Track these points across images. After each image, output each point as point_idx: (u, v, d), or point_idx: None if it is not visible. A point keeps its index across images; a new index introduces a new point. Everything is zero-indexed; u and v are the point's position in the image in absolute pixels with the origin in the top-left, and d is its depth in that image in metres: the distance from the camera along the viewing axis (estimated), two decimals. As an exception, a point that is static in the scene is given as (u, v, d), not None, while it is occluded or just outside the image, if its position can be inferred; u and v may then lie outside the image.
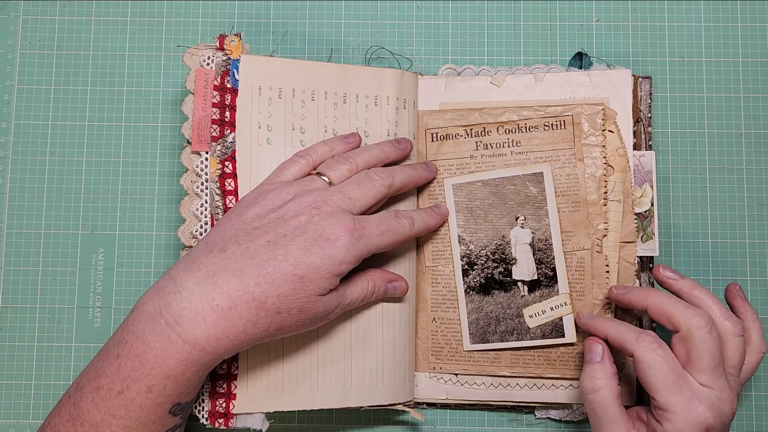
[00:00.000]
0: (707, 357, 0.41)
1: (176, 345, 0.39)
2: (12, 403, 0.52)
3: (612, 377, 0.43)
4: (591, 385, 0.43)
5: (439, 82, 0.52)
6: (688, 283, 0.45)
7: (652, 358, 0.41)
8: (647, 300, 0.44)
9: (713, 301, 0.44)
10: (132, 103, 0.55)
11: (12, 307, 0.53)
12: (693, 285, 0.45)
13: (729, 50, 0.54)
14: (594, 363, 0.43)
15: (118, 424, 0.40)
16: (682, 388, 0.40)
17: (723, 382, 0.41)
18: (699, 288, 0.45)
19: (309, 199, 0.43)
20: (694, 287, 0.45)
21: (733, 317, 0.43)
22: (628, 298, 0.46)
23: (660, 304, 0.43)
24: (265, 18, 0.55)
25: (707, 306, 0.44)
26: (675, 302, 0.43)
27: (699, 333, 0.41)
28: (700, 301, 0.44)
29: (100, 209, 0.54)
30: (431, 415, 0.52)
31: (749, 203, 0.53)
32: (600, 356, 0.44)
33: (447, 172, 0.51)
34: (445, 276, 0.51)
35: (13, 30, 0.55)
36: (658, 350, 0.41)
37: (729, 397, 0.41)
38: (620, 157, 0.50)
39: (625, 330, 0.43)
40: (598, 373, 0.43)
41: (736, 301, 0.48)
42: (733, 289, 0.48)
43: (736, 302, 0.48)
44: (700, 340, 0.41)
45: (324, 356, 0.48)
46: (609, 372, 0.43)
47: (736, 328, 0.43)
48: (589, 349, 0.44)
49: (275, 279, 0.40)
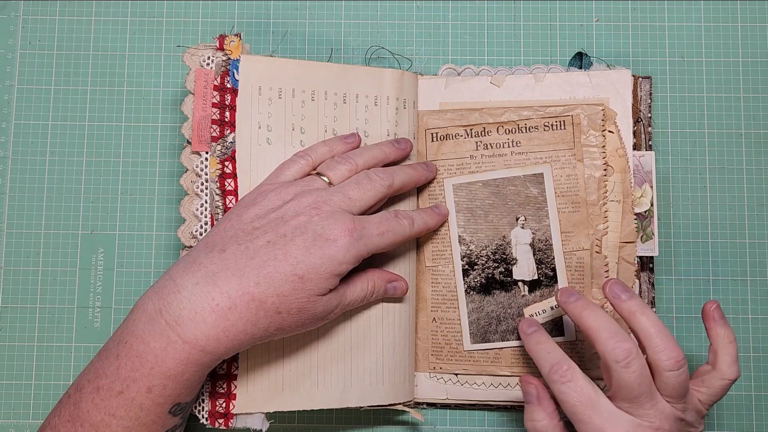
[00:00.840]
0: (623, 389, 0.40)
1: (176, 345, 0.39)
2: (12, 403, 0.53)
3: (552, 416, 0.42)
4: (533, 428, 0.42)
5: (439, 82, 0.52)
6: (633, 305, 0.42)
7: (561, 392, 0.41)
8: (580, 317, 0.42)
9: (654, 328, 0.41)
10: (132, 103, 0.55)
11: (12, 307, 0.53)
12: (637, 309, 0.42)
13: (729, 50, 0.54)
14: (532, 404, 0.43)
15: (118, 424, 0.40)
16: (592, 418, 0.40)
17: (645, 410, 0.40)
18: (643, 311, 0.42)
19: (309, 199, 0.43)
20: (637, 312, 0.42)
21: (668, 350, 0.40)
22: (566, 309, 0.44)
23: (587, 327, 0.42)
24: (265, 18, 0.55)
25: (644, 334, 0.41)
26: (601, 329, 0.41)
27: (615, 366, 0.40)
28: (638, 327, 0.42)
29: (100, 209, 0.54)
30: (431, 415, 0.52)
31: (749, 203, 0.53)
32: (536, 398, 0.43)
33: (447, 172, 0.51)
34: (446, 276, 0.51)
35: (13, 30, 0.55)
36: (568, 383, 0.41)
37: (653, 425, 0.40)
38: (620, 158, 0.50)
39: (544, 357, 0.42)
40: (537, 415, 0.42)
41: (708, 323, 0.45)
42: (708, 308, 0.45)
43: (708, 323, 0.45)
44: (616, 374, 0.40)
45: (324, 356, 0.48)
46: (548, 411, 0.42)
47: (668, 363, 0.40)
48: (525, 390, 0.44)
49: (275, 279, 0.40)
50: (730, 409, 0.52)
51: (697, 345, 0.52)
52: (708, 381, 0.43)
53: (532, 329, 0.45)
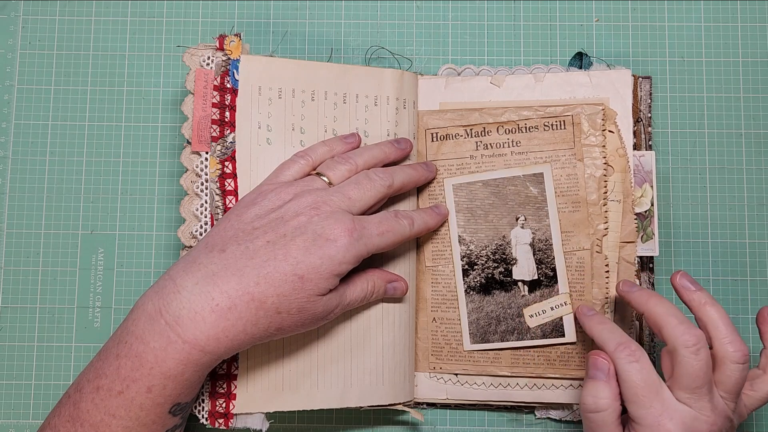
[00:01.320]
0: (688, 377, 0.40)
1: (176, 345, 0.39)
2: (12, 403, 0.53)
3: (615, 398, 0.41)
4: (594, 405, 0.41)
5: (439, 82, 0.52)
6: (702, 297, 0.43)
7: (626, 371, 0.41)
8: (646, 305, 0.43)
9: (722, 320, 0.42)
10: (132, 103, 0.55)
11: (12, 307, 0.53)
12: (705, 300, 0.42)
13: (729, 50, 0.54)
14: (598, 381, 0.41)
15: (117, 424, 0.40)
16: (653, 402, 0.40)
17: (704, 402, 0.40)
18: (711, 304, 0.42)
19: (308, 199, 0.43)
20: (706, 303, 0.42)
21: (736, 342, 0.41)
22: (630, 297, 0.45)
23: (655, 314, 0.42)
24: (265, 18, 0.55)
25: (713, 325, 0.42)
26: (670, 315, 0.41)
27: (684, 352, 0.40)
28: (706, 318, 0.42)
29: (100, 209, 0.54)
30: (431, 415, 0.52)
31: (749, 203, 0.53)
32: (605, 374, 0.41)
33: (447, 172, 0.51)
34: (445, 276, 0.51)
35: (13, 30, 0.55)
36: (635, 363, 0.40)
37: (708, 419, 0.40)
38: (620, 157, 0.50)
39: (609, 336, 0.42)
40: (602, 392, 0.41)
41: (763, 326, 0.45)
42: (766, 313, 0.45)
43: (763, 327, 0.45)
44: (684, 359, 0.40)
45: (324, 356, 0.48)
46: (613, 392, 0.41)
47: (735, 354, 0.41)
48: (594, 364, 0.42)
49: (275, 279, 0.40)
50: (730, 409, 0.52)
51: (697, 345, 0.52)
52: (757, 384, 0.43)
53: (591, 312, 0.46)
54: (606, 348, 0.42)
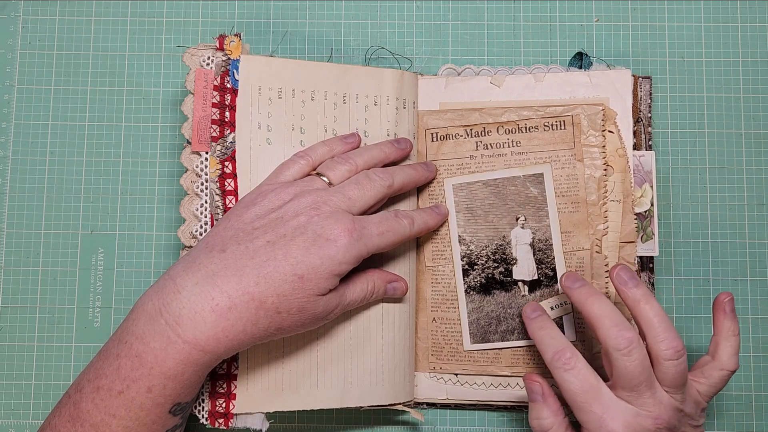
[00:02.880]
0: (624, 378, 0.40)
1: (176, 345, 0.39)
2: (12, 403, 0.53)
3: (557, 413, 0.43)
4: (539, 426, 0.43)
5: (439, 82, 0.52)
6: (638, 293, 0.42)
7: (563, 380, 0.41)
8: (584, 304, 0.43)
9: (657, 317, 0.41)
10: (132, 103, 0.55)
11: (12, 307, 0.53)
12: (641, 297, 0.42)
13: (729, 50, 0.54)
14: (537, 402, 0.43)
15: (118, 424, 0.40)
16: (593, 407, 0.40)
17: (645, 399, 0.41)
18: (648, 300, 0.42)
19: (308, 199, 0.43)
20: (642, 300, 0.42)
21: (669, 340, 0.41)
22: (570, 294, 0.44)
23: (590, 314, 0.42)
24: (265, 18, 0.55)
25: (647, 323, 0.41)
26: (604, 317, 0.41)
27: (616, 355, 0.40)
28: (640, 316, 0.42)
29: (100, 209, 0.54)
30: (431, 415, 0.52)
31: (749, 203, 0.53)
32: (540, 395, 0.43)
33: (447, 172, 0.51)
34: (445, 276, 0.51)
35: (13, 30, 0.55)
36: (570, 371, 0.41)
37: (652, 413, 0.40)
38: (620, 158, 0.50)
39: (548, 343, 0.43)
40: (543, 413, 0.43)
41: (717, 313, 0.45)
42: (721, 299, 0.45)
43: (716, 314, 0.45)
44: (618, 362, 0.40)
45: (324, 356, 0.48)
46: (553, 409, 0.43)
47: (667, 352, 0.41)
48: (529, 388, 0.44)
49: (275, 279, 0.40)
50: (730, 408, 0.52)
51: (697, 345, 0.52)
52: (707, 372, 0.44)
53: (535, 314, 0.46)
54: (544, 357, 0.43)
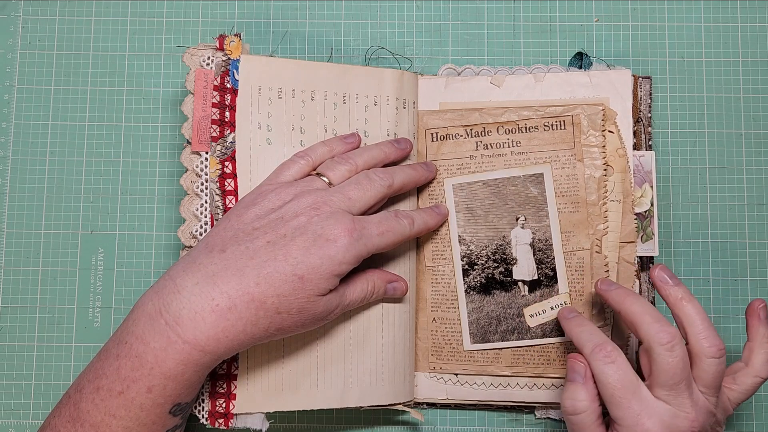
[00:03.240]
0: (665, 374, 0.40)
1: (176, 345, 0.39)
2: (12, 403, 0.53)
3: (594, 399, 0.42)
4: (572, 407, 0.42)
5: (439, 82, 0.52)
6: (679, 292, 0.42)
7: (603, 372, 0.41)
8: (623, 304, 0.43)
9: (698, 315, 0.42)
10: (132, 103, 0.55)
11: (12, 307, 0.53)
12: (682, 295, 0.42)
13: (729, 50, 0.54)
14: (576, 383, 0.42)
15: (118, 424, 0.40)
16: (631, 403, 0.40)
17: (683, 399, 0.40)
18: (688, 299, 0.42)
19: (309, 199, 0.43)
20: (683, 298, 0.42)
21: (712, 337, 0.41)
22: (608, 296, 0.45)
23: (631, 312, 0.42)
24: (265, 18, 0.55)
25: (689, 320, 0.42)
26: (645, 313, 0.41)
27: (659, 350, 0.40)
28: (682, 314, 0.42)
29: (100, 209, 0.54)
30: (431, 415, 0.52)
31: (749, 203, 0.53)
32: (582, 377, 0.42)
33: (447, 172, 0.51)
34: (445, 276, 0.51)
35: (13, 30, 0.55)
36: (611, 365, 0.41)
37: (688, 415, 0.40)
38: (620, 158, 0.50)
39: (587, 338, 0.42)
40: (580, 395, 0.42)
41: (751, 319, 0.44)
42: (756, 306, 0.44)
43: (751, 320, 0.44)
44: (660, 357, 0.40)
45: (324, 356, 0.48)
46: (591, 394, 0.42)
47: (710, 349, 0.41)
48: (571, 367, 0.43)
49: (275, 279, 0.40)
50: (730, 409, 0.52)
51: (697, 345, 0.52)
52: (740, 378, 0.44)
53: (572, 314, 0.46)
54: (583, 350, 0.42)
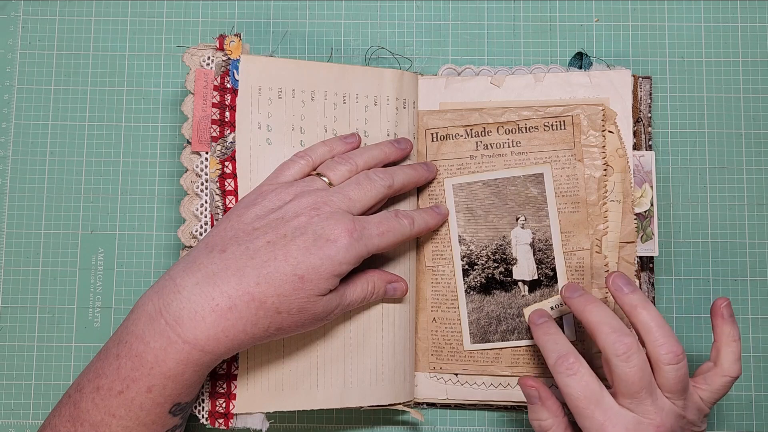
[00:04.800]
0: (623, 384, 0.40)
1: (176, 345, 0.39)
2: (12, 403, 0.53)
3: (557, 413, 0.43)
4: (539, 427, 0.43)
5: (439, 82, 0.52)
6: (635, 299, 0.42)
7: (565, 384, 0.41)
8: (583, 312, 0.43)
9: (654, 322, 0.41)
10: (132, 103, 0.55)
11: (12, 307, 0.53)
12: (638, 302, 0.42)
13: (729, 50, 0.54)
14: (535, 405, 0.43)
15: (118, 424, 0.40)
16: (594, 413, 0.40)
17: (646, 406, 0.40)
18: (645, 306, 0.42)
19: (309, 199, 0.43)
20: (639, 305, 0.42)
21: (668, 344, 0.40)
22: (569, 304, 0.44)
23: (590, 322, 0.42)
24: (265, 18, 0.55)
25: (645, 328, 0.41)
26: (603, 323, 0.41)
27: (615, 361, 0.40)
28: (638, 322, 0.42)
29: (100, 209, 0.54)
30: (431, 415, 0.52)
31: (749, 203, 0.53)
32: (537, 398, 0.43)
33: (447, 172, 0.51)
34: (446, 276, 0.51)
35: (13, 30, 0.55)
36: (573, 377, 0.41)
37: (654, 421, 0.40)
38: (620, 158, 0.50)
39: (551, 348, 0.42)
40: (542, 414, 0.43)
41: (715, 319, 0.44)
42: (718, 305, 0.44)
43: (715, 320, 0.44)
44: (617, 368, 0.40)
45: (324, 356, 0.48)
46: (552, 410, 0.43)
47: (667, 356, 0.40)
48: (525, 393, 0.44)
49: (275, 279, 0.40)
50: (730, 409, 0.52)
51: (697, 345, 0.52)
52: (709, 378, 0.43)
53: (541, 320, 0.45)
54: (547, 361, 0.42)
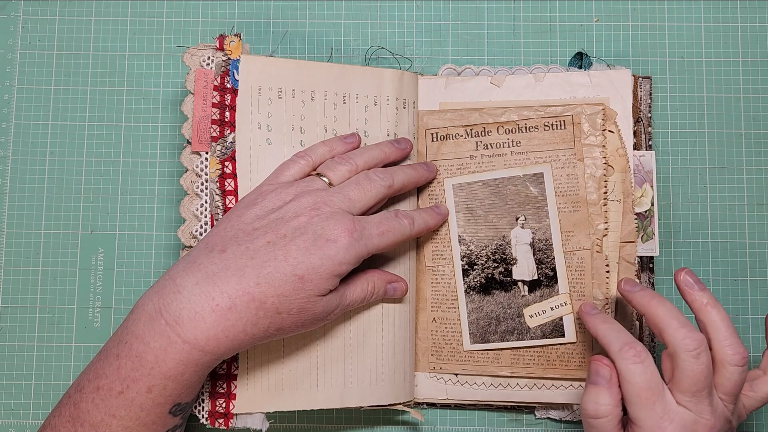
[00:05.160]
0: (688, 380, 0.39)
1: (176, 345, 0.39)
2: (12, 403, 0.53)
3: (617, 404, 0.41)
4: (594, 411, 0.41)
5: (439, 82, 0.52)
6: (704, 297, 0.42)
7: (630, 372, 0.40)
8: (648, 306, 0.42)
9: (722, 322, 0.41)
10: (132, 103, 0.55)
11: (12, 307, 0.53)
12: (707, 301, 0.42)
13: (729, 50, 0.54)
14: (599, 386, 0.41)
15: (118, 424, 0.40)
16: (654, 405, 0.40)
17: (704, 406, 0.40)
18: (713, 305, 0.42)
19: (309, 199, 0.43)
20: (708, 304, 0.42)
21: (735, 345, 0.40)
22: (632, 297, 0.44)
23: (657, 316, 0.41)
24: (265, 18, 0.55)
25: (713, 327, 0.41)
26: (672, 318, 0.41)
27: (685, 356, 0.39)
28: (707, 320, 0.41)
29: (100, 209, 0.54)
30: (431, 415, 0.52)
31: (749, 203, 0.53)
32: (607, 381, 0.41)
33: (447, 172, 0.51)
34: (445, 276, 0.51)
35: (13, 30, 0.55)
36: (639, 365, 0.40)
37: (708, 423, 0.40)
38: (620, 157, 0.50)
39: (614, 337, 0.42)
40: (603, 399, 0.40)
41: None
42: None
43: None
44: (685, 363, 0.39)
45: (324, 356, 0.48)
46: (615, 398, 0.41)
47: (734, 357, 0.40)
48: (596, 371, 0.41)
49: (275, 279, 0.40)
50: (730, 409, 0.52)
51: (697, 345, 0.52)
52: (757, 385, 0.43)
53: (595, 311, 0.45)
54: (610, 348, 0.41)
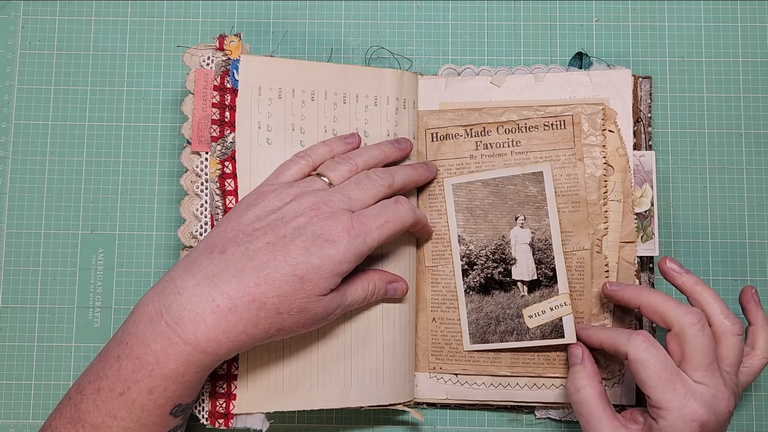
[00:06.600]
0: (700, 354, 0.41)
1: (177, 346, 0.39)
2: (12, 403, 0.53)
3: (593, 376, 0.44)
4: (573, 386, 0.44)
5: (439, 82, 0.52)
6: (692, 279, 0.45)
7: (644, 357, 0.41)
8: (640, 298, 0.45)
9: (714, 298, 0.44)
10: (132, 103, 0.55)
11: (12, 307, 0.53)
12: (696, 281, 0.45)
13: (729, 50, 0.54)
14: (575, 365, 0.45)
15: (119, 425, 0.40)
16: (676, 385, 0.41)
17: (718, 379, 0.41)
18: (701, 285, 0.45)
19: (308, 200, 0.43)
20: (697, 283, 0.45)
21: (732, 316, 0.43)
22: (621, 295, 0.46)
23: (653, 302, 0.44)
24: (265, 18, 0.55)
25: (707, 303, 0.44)
26: (667, 300, 0.43)
27: (691, 330, 0.41)
28: (700, 298, 0.44)
29: (100, 209, 0.54)
30: (431, 415, 0.53)
31: (749, 203, 0.53)
32: (579, 358, 0.45)
33: (447, 172, 0.51)
34: (445, 276, 0.51)
35: (13, 30, 0.55)
36: (650, 349, 0.41)
37: (724, 395, 0.41)
38: (620, 157, 0.50)
39: (618, 333, 0.44)
40: (579, 373, 0.44)
41: (749, 305, 0.47)
42: (748, 292, 0.47)
43: (748, 305, 0.47)
44: (692, 337, 0.41)
45: (324, 357, 0.48)
46: (589, 372, 0.44)
47: (734, 327, 0.43)
48: (571, 353, 0.46)
49: (275, 280, 0.40)
50: (729, 408, 0.52)
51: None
52: (748, 360, 0.45)
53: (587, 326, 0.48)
54: (619, 342, 0.43)
